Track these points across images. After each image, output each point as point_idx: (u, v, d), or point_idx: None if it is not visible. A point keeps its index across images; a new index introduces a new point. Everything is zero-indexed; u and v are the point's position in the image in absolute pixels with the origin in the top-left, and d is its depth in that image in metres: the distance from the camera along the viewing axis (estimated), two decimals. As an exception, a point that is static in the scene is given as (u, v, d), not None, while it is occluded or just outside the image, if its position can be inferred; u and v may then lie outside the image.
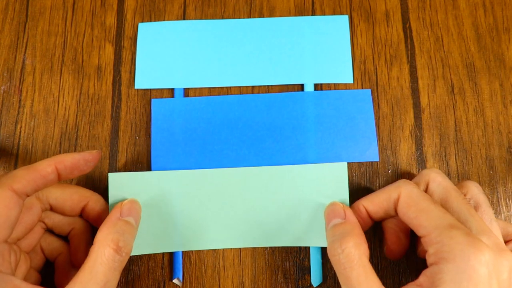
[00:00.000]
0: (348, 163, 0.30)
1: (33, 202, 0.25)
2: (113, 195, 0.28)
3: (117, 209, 0.26)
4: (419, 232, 0.23)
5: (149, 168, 0.30)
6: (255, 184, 0.29)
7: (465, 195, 0.26)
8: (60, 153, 0.30)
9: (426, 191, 0.26)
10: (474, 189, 0.26)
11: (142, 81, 0.31)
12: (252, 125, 0.30)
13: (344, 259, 0.23)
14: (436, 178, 0.26)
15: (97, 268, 0.22)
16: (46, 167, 0.24)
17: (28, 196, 0.23)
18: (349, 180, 0.30)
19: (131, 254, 0.28)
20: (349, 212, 0.26)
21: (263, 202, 0.29)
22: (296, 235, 0.28)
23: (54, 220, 0.27)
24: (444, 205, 0.24)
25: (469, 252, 0.20)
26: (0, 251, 0.22)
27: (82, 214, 0.27)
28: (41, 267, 0.27)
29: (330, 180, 0.28)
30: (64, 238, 0.27)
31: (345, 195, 0.28)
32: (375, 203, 0.26)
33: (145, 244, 0.28)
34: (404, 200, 0.24)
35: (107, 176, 0.29)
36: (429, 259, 0.22)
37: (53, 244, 0.27)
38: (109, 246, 0.23)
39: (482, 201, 0.26)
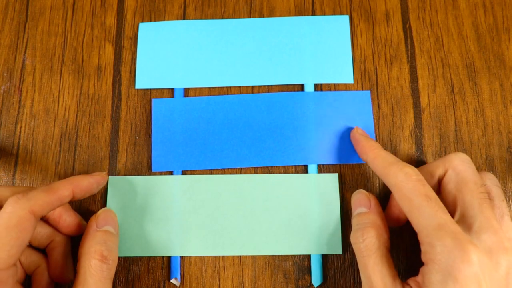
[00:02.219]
0: (355, 163, 0.30)
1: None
2: (111, 197, 0.29)
3: (92, 221, 0.26)
4: (413, 227, 0.23)
5: (149, 168, 0.30)
6: (250, 191, 0.29)
7: None
8: (60, 153, 0.30)
9: (443, 176, 0.26)
10: (487, 182, 0.26)
11: (142, 81, 0.31)
12: (252, 125, 0.30)
13: (364, 248, 0.24)
14: (457, 167, 0.25)
15: (88, 281, 0.23)
16: (64, 190, 0.25)
17: (41, 217, 0.24)
18: (348, 180, 0.30)
19: (130, 256, 0.28)
20: (374, 202, 0.26)
21: (257, 210, 0.29)
22: (289, 244, 0.28)
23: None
24: (458, 196, 0.24)
25: (454, 255, 0.21)
26: (11, 275, 0.22)
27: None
28: (23, 280, 0.26)
29: (323, 190, 0.29)
30: (41, 250, 0.27)
31: (336, 205, 0.29)
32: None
33: (140, 247, 0.28)
34: (398, 194, 0.24)
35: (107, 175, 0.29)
36: (422, 258, 0.22)
37: (31, 257, 0.26)
38: (93, 258, 0.24)
39: (494, 194, 0.25)
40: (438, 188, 0.26)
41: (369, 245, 0.24)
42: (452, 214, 0.24)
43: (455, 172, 0.25)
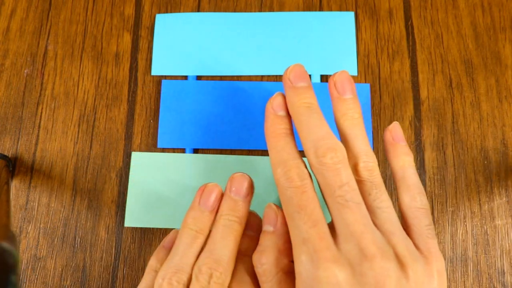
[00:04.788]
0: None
1: None
2: (134, 171, 0.31)
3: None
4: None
5: (161, 149, 0.32)
6: (263, 172, 0.31)
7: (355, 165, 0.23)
8: (78, 133, 0.32)
9: None
10: (360, 169, 0.23)
11: (158, 68, 0.33)
12: (259, 110, 0.32)
13: (262, 273, 0.23)
14: (313, 170, 0.22)
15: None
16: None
17: None
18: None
19: (147, 227, 0.30)
20: (281, 221, 0.24)
21: (269, 190, 0.30)
22: None
23: None
24: (324, 200, 0.22)
25: (312, 273, 0.20)
26: None
27: None
28: None
29: None
30: None
31: None
32: None
33: (155, 219, 0.30)
34: (280, 196, 0.23)
35: (123, 155, 0.31)
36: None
37: None
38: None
39: (366, 186, 0.23)
40: None
41: (266, 272, 0.22)
42: None
43: (315, 175, 0.22)
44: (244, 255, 0.24)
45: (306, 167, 0.23)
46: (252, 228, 0.26)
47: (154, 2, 0.35)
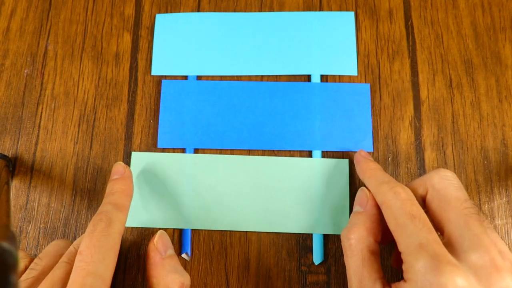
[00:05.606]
0: (351, 151, 0.32)
1: None
2: (133, 171, 0.31)
3: (154, 251, 0.26)
4: (398, 247, 0.23)
5: (161, 148, 0.32)
6: (263, 172, 0.31)
7: None
8: (78, 133, 0.32)
9: (426, 196, 0.25)
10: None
11: (158, 68, 0.33)
12: (260, 110, 0.32)
13: (348, 247, 0.25)
14: (436, 185, 0.24)
15: None
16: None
17: None
18: (350, 165, 0.31)
19: (142, 226, 0.30)
20: (371, 203, 0.26)
21: (270, 190, 0.30)
22: (299, 223, 0.30)
23: None
24: (443, 215, 0.23)
25: (430, 277, 0.20)
26: None
27: None
28: None
29: (333, 174, 0.31)
30: None
31: (345, 188, 0.30)
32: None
33: (155, 219, 0.30)
34: (385, 212, 0.24)
35: (123, 155, 0.31)
36: (403, 276, 0.22)
37: None
38: None
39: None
40: (424, 208, 0.26)
41: (353, 246, 0.24)
42: (442, 235, 0.24)
43: (436, 191, 0.24)
44: (110, 193, 0.26)
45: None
46: (117, 173, 0.28)
47: (154, 2, 0.35)
